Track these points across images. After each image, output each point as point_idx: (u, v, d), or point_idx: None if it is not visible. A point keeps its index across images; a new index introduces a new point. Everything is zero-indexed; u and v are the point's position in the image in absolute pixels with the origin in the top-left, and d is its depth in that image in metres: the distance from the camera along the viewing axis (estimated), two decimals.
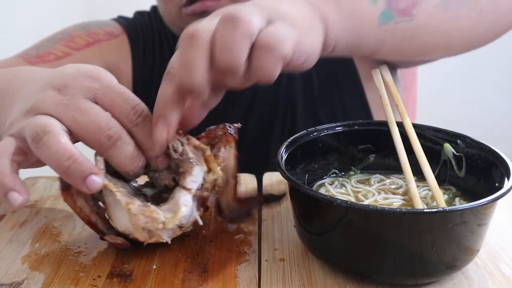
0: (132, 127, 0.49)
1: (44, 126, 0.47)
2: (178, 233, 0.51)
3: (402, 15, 0.57)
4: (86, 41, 0.86)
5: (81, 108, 0.48)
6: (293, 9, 0.50)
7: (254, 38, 0.45)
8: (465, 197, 0.56)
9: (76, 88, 0.49)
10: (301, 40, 0.48)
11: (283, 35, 0.46)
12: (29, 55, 0.82)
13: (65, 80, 0.50)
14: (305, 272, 0.51)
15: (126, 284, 0.49)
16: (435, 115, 1.76)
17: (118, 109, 0.49)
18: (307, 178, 0.59)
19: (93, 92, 0.49)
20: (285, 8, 0.50)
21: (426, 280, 0.49)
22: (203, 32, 0.45)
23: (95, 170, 0.47)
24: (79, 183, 0.47)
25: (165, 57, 0.91)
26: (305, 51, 0.49)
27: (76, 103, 0.48)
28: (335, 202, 0.46)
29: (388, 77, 0.58)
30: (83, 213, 0.52)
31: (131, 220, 0.49)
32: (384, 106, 0.57)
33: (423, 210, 0.46)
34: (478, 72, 2.19)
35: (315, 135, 0.59)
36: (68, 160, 0.46)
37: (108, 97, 0.49)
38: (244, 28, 0.44)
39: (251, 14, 0.45)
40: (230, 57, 0.44)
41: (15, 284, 0.50)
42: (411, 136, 0.56)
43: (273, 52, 0.45)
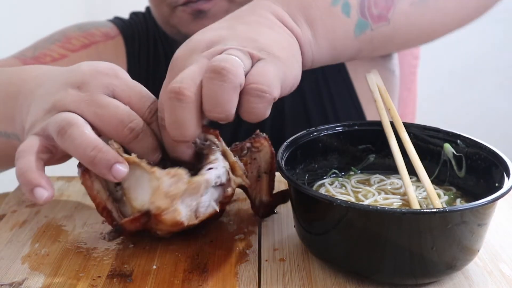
0: (149, 125, 0.51)
1: (68, 119, 0.48)
2: (194, 221, 0.51)
3: (377, 21, 0.57)
4: (82, 43, 0.86)
5: (102, 103, 0.50)
6: (273, 36, 0.50)
7: (242, 84, 0.45)
8: (465, 197, 0.56)
9: (95, 85, 0.51)
10: (286, 75, 0.48)
11: (272, 78, 0.46)
12: (25, 56, 0.82)
13: (84, 77, 0.52)
14: (305, 272, 0.51)
15: (126, 284, 0.49)
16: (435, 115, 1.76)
17: (135, 106, 0.51)
18: (307, 178, 0.59)
19: (112, 88, 0.51)
20: (266, 38, 0.49)
21: (426, 280, 0.49)
22: (189, 89, 0.45)
23: (120, 159, 0.48)
24: (105, 171, 0.48)
25: (159, 57, 0.91)
26: (291, 83, 0.50)
27: (97, 98, 0.50)
28: (335, 202, 0.46)
29: (379, 82, 0.58)
30: (100, 197, 0.51)
31: (153, 188, 0.49)
32: (379, 110, 0.57)
33: (423, 210, 0.46)
34: (478, 73, 2.19)
35: (315, 135, 0.59)
36: (94, 150, 0.48)
37: (126, 94, 0.51)
38: (232, 80, 0.44)
39: (236, 62, 0.45)
40: (220, 111, 0.45)
41: (15, 284, 0.50)
42: (405, 140, 0.56)
43: (263, 97, 0.45)
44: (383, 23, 0.57)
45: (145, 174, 0.49)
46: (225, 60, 0.45)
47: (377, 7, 0.57)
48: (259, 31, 0.50)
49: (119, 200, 0.52)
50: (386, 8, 0.57)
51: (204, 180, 0.50)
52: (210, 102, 0.45)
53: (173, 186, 0.49)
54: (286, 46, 0.51)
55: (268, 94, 0.45)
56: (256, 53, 0.47)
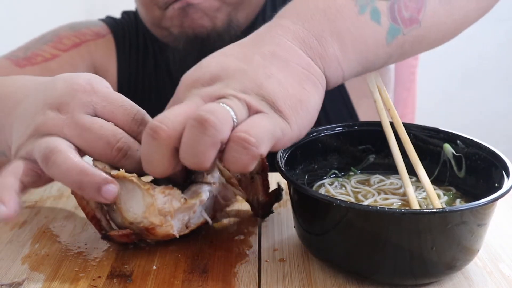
0: (136, 136, 0.50)
1: (51, 147, 0.47)
2: (185, 231, 0.52)
3: (409, 24, 0.53)
4: (73, 42, 0.86)
5: (85, 126, 0.49)
6: (284, 79, 0.47)
7: (225, 140, 0.43)
8: (465, 197, 0.56)
9: (74, 105, 0.50)
10: (284, 133, 0.45)
11: (263, 133, 0.43)
12: (17, 56, 0.82)
13: (62, 98, 0.50)
14: (305, 273, 0.51)
15: (126, 284, 0.49)
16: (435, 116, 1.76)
17: (119, 121, 0.50)
18: (307, 179, 0.59)
19: (92, 106, 0.50)
20: (274, 84, 0.46)
21: (426, 280, 0.49)
22: (166, 132, 0.43)
23: (109, 179, 0.47)
24: (95, 195, 0.47)
25: (149, 54, 0.92)
26: (294, 138, 0.47)
27: (79, 120, 0.49)
28: (335, 203, 0.46)
29: (379, 82, 0.58)
30: (89, 207, 0.52)
31: (147, 204, 0.49)
32: (379, 110, 0.57)
33: (423, 210, 0.46)
34: (478, 73, 2.19)
35: (315, 135, 0.59)
36: (79, 174, 0.46)
37: (108, 110, 0.50)
38: (213, 134, 0.42)
39: (224, 116, 0.43)
40: (195, 162, 0.43)
41: (15, 284, 0.50)
42: (405, 141, 0.56)
43: (248, 149, 0.42)
44: (415, 25, 0.53)
45: (137, 189, 0.49)
46: (213, 112, 0.42)
47: (407, 10, 0.53)
48: (270, 70, 0.47)
49: (108, 204, 0.52)
50: (417, 10, 0.53)
51: (199, 201, 0.51)
52: (186, 150, 0.43)
53: (167, 204, 0.49)
54: (296, 92, 0.47)
55: (254, 147, 0.42)
56: (256, 104, 0.45)
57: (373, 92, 0.58)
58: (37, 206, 0.64)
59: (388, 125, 0.57)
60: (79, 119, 0.49)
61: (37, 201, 0.65)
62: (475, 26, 0.64)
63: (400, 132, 0.57)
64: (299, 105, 0.46)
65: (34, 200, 0.65)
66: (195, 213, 0.52)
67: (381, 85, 0.58)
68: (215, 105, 0.43)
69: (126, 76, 0.90)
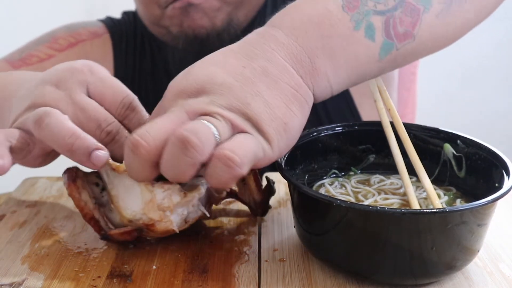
0: (122, 120, 0.52)
1: (46, 110, 0.49)
2: (185, 226, 0.52)
3: (403, 39, 0.52)
4: (69, 42, 0.87)
5: (80, 104, 0.51)
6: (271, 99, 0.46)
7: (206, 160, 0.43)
8: (465, 197, 0.56)
9: (72, 83, 0.52)
10: (265, 154, 0.45)
11: (246, 154, 0.43)
12: (13, 58, 0.82)
13: (61, 75, 0.52)
14: (305, 273, 0.51)
15: (126, 284, 0.49)
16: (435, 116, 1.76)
17: (108, 101, 0.52)
18: (307, 179, 0.58)
19: (86, 84, 0.52)
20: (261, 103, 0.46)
21: (426, 280, 0.49)
22: (145, 148, 0.43)
23: (99, 145, 0.48)
24: (84, 159, 0.48)
25: (146, 54, 0.92)
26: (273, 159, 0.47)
27: (75, 98, 0.51)
28: (335, 203, 0.46)
29: (379, 83, 0.58)
30: (87, 208, 0.52)
31: (145, 200, 0.49)
32: (379, 110, 0.57)
33: (423, 210, 0.46)
34: (478, 73, 2.19)
35: (315, 135, 0.59)
36: (71, 137, 0.48)
37: (99, 90, 0.52)
38: (194, 156, 0.42)
39: (206, 137, 0.43)
40: (174, 177, 0.44)
41: (15, 284, 0.50)
42: (405, 141, 0.56)
43: (231, 168, 0.42)
44: (409, 40, 0.52)
45: (136, 185, 0.49)
46: (196, 133, 0.42)
47: (402, 25, 0.51)
48: (258, 89, 0.46)
49: (105, 205, 0.53)
50: (412, 24, 0.52)
51: (198, 193, 0.51)
52: (166, 165, 0.44)
53: (166, 199, 0.49)
54: (282, 114, 0.46)
55: (238, 167, 0.42)
56: (240, 124, 0.45)
57: (373, 92, 0.58)
58: (37, 206, 0.64)
59: (388, 125, 0.57)
60: (76, 97, 0.51)
61: (37, 201, 0.65)
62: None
63: (400, 132, 0.57)
64: (283, 127, 0.46)
65: (34, 200, 0.65)
66: (193, 207, 0.52)
67: (381, 85, 0.58)
68: (199, 125, 0.43)
69: (122, 76, 0.90)
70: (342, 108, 0.90)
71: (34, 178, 0.71)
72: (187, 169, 0.43)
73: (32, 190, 0.68)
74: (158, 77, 0.91)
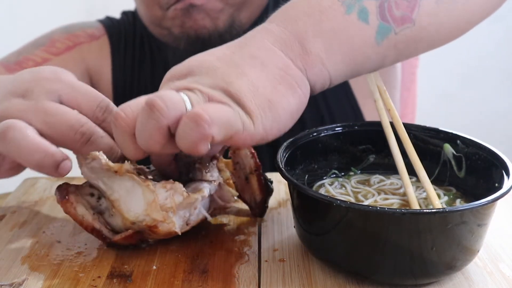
0: (100, 124, 0.52)
1: (8, 123, 0.48)
2: (186, 228, 0.52)
3: (401, 23, 0.51)
4: (66, 45, 0.86)
5: (49, 111, 0.50)
6: (257, 79, 0.46)
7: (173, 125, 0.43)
8: (465, 197, 0.56)
9: (39, 92, 0.50)
10: (246, 127, 0.44)
11: (218, 115, 0.42)
12: (9, 61, 0.82)
13: (27, 85, 0.51)
14: (305, 273, 0.51)
15: (126, 284, 0.49)
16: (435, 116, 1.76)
17: (84, 108, 0.51)
18: (307, 179, 0.58)
19: (57, 94, 0.51)
20: (246, 82, 0.45)
21: (426, 280, 0.49)
22: (123, 119, 0.45)
23: (65, 156, 0.49)
24: (52, 171, 0.48)
25: (145, 55, 0.91)
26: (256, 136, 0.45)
27: (43, 106, 0.50)
28: (335, 203, 0.46)
29: (379, 83, 0.58)
30: (86, 221, 0.52)
31: (148, 201, 0.49)
32: (379, 110, 0.57)
33: (423, 211, 0.46)
34: (478, 73, 2.19)
35: (315, 135, 0.59)
36: (37, 152, 0.47)
37: (72, 96, 0.51)
38: (159, 118, 0.42)
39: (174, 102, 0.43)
40: (143, 143, 0.44)
41: (15, 284, 0.50)
42: (405, 141, 0.56)
43: (199, 125, 0.41)
44: (408, 24, 0.51)
45: (137, 186, 0.49)
46: (162, 97, 0.42)
47: (399, 8, 0.51)
48: (243, 70, 0.46)
49: (104, 211, 0.53)
50: (410, 8, 0.51)
51: (201, 196, 0.51)
52: (137, 132, 0.44)
53: (169, 199, 0.49)
54: (267, 92, 0.46)
55: (206, 125, 0.41)
56: (219, 97, 0.44)
57: (373, 92, 0.58)
58: (37, 206, 0.64)
59: (388, 125, 0.57)
60: (43, 104, 0.50)
61: (37, 201, 0.65)
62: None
63: (400, 132, 0.57)
64: (267, 104, 0.45)
65: (34, 201, 0.65)
66: (196, 209, 0.52)
67: (381, 85, 0.58)
68: (168, 92, 0.44)
69: (121, 78, 0.90)
70: (346, 109, 0.89)
71: (34, 178, 0.71)
72: (154, 133, 0.43)
73: (32, 190, 0.68)
74: (158, 78, 0.90)
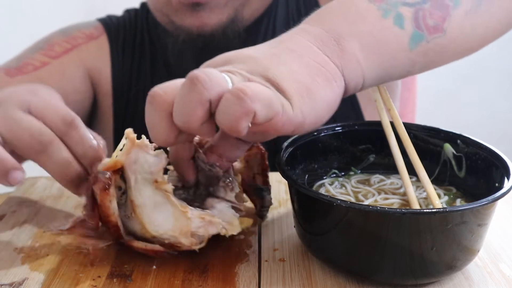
0: (62, 137, 0.54)
1: None
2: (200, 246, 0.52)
3: (433, 32, 0.52)
4: (64, 48, 0.86)
5: (15, 119, 0.53)
6: (295, 67, 0.46)
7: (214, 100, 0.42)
8: (465, 197, 0.56)
9: (12, 102, 0.54)
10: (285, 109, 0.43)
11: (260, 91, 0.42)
12: (10, 67, 0.83)
13: (4, 96, 0.56)
14: (305, 273, 0.51)
15: (126, 284, 0.49)
16: (435, 115, 1.76)
17: (48, 119, 0.54)
18: (307, 178, 0.58)
19: (27, 104, 0.54)
20: (284, 69, 0.45)
21: (426, 280, 0.49)
22: (161, 96, 0.44)
23: (17, 165, 0.51)
24: (2, 179, 0.51)
25: (146, 55, 0.91)
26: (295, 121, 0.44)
27: (12, 114, 0.54)
28: (335, 202, 0.46)
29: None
30: (114, 216, 0.50)
31: (180, 225, 0.49)
32: (379, 110, 0.57)
33: (423, 210, 0.46)
34: (478, 73, 2.19)
35: (315, 135, 0.59)
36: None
37: (40, 108, 0.54)
38: (200, 90, 0.41)
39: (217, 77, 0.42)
40: (183, 120, 0.43)
41: (15, 284, 0.50)
42: (405, 141, 0.56)
43: (242, 99, 0.40)
44: (439, 34, 0.52)
45: (169, 205, 0.49)
46: (206, 71, 0.42)
47: (432, 17, 0.52)
48: (282, 60, 0.46)
49: (120, 207, 0.51)
50: (442, 18, 0.52)
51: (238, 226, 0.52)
52: (175, 108, 0.43)
53: (202, 229, 0.49)
54: (306, 80, 0.46)
55: (248, 100, 0.40)
56: (257, 80, 0.44)
57: (373, 92, 0.58)
58: (37, 206, 0.64)
59: (388, 125, 0.57)
60: (12, 113, 0.53)
61: (37, 201, 0.65)
62: None
63: (400, 132, 0.57)
64: (306, 91, 0.45)
65: (34, 200, 0.65)
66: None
67: (381, 85, 0.58)
68: (212, 69, 0.43)
69: (120, 76, 0.90)
70: (348, 112, 0.89)
71: (34, 178, 0.71)
72: (195, 107, 0.42)
73: (32, 190, 0.68)
74: (158, 77, 0.90)
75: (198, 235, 0.50)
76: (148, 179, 0.49)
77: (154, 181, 0.49)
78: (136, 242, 0.51)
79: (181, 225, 0.49)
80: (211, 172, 0.51)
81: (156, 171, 0.48)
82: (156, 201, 0.49)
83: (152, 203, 0.49)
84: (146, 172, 0.49)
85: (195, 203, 0.52)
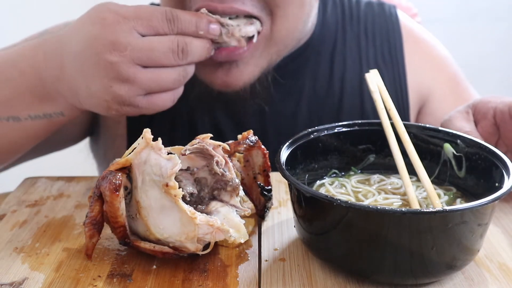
0: (178, 33, 0.59)
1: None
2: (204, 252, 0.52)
3: None
4: None
5: (146, 48, 0.58)
6: None
7: None
8: (465, 197, 0.56)
9: (124, 37, 0.57)
10: None
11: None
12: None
13: (107, 39, 0.58)
14: (305, 272, 0.51)
15: (126, 284, 0.49)
16: None
17: (159, 29, 0.59)
18: (307, 178, 0.58)
19: (134, 30, 0.58)
20: None
21: (426, 280, 0.49)
22: None
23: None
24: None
25: None
26: None
27: (140, 46, 0.57)
28: (335, 202, 0.46)
29: (379, 82, 0.58)
30: (122, 217, 0.50)
31: (187, 230, 0.49)
32: (379, 110, 0.57)
33: (424, 210, 0.45)
34: (479, 72, 2.19)
35: (315, 135, 0.59)
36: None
37: (146, 25, 0.58)
38: None
39: None
40: None
41: (15, 284, 0.50)
42: (405, 141, 0.56)
43: None
44: None
45: (176, 210, 0.48)
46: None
47: None
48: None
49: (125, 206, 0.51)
50: None
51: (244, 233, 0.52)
52: None
53: (209, 235, 0.49)
54: None
55: None
56: None
57: (373, 92, 0.58)
58: (37, 206, 0.64)
59: (388, 125, 0.57)
60: (137, 44, 0.57)
61: (37, 201, 0.65)
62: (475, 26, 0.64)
63: (400, 132, 0.57)
64: None
65: (34, 200, 0.65)
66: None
67: (381, 85, 0.58)
68: None
69: None
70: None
71: (34, 178, 0.71)
72: None
73: (32, 190, 0.68)
74: None
75: (204, 241, 0.49)
76: (156, 182, 0.49)
77: (164, 184, 0.48)
78: (143, 243, 0.51)
79: (188, 230, 0.49)
80: (224, 177, 0.52)
81: (168, 175, 0.48)
82: (163, 204, 0.49)
83: (159, 206, 0.49)
84: (155, 174, 0.49)
85: (199, 206, 0.52)
